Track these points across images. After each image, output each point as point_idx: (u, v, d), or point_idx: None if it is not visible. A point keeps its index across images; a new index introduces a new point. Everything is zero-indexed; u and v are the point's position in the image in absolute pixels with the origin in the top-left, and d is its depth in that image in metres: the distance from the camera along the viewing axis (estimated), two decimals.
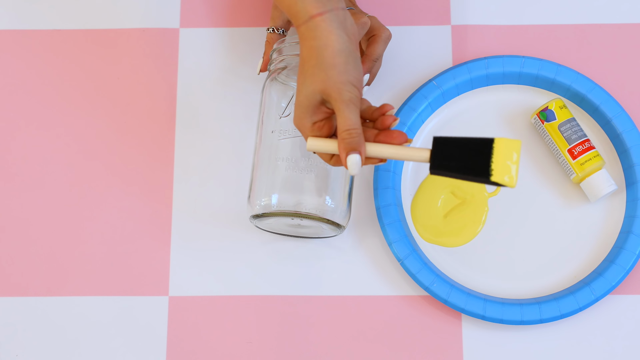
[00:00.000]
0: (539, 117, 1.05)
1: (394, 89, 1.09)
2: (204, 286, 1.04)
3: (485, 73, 1.08)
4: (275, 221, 0.99)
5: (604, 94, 1.06)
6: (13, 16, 1.13)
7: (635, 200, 1.03)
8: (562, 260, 1.04)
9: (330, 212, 0.98)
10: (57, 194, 1.07)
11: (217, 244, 1.05)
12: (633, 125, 1.05)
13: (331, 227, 0.99)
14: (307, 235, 1.04)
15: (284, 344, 1.03)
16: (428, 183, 1.07)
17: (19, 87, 1.11)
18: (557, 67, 1.07)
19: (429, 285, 1.02)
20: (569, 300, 1.01)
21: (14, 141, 1.09)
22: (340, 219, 0.99)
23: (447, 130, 1.08)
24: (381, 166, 1.05)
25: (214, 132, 1.09)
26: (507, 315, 1.01)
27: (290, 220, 0.99)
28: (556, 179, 1.06)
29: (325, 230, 1.01)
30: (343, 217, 0.99)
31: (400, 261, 1.03)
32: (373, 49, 1.02)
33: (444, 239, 1.06)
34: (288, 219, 0.98)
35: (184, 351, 1.03)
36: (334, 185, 0.98)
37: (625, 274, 1.01)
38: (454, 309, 1.01)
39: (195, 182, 1.07)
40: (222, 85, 1.10)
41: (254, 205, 0.99)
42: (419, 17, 1.11)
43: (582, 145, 1.04)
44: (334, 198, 0.98)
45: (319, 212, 0.97)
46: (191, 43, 1.11)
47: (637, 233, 1.02)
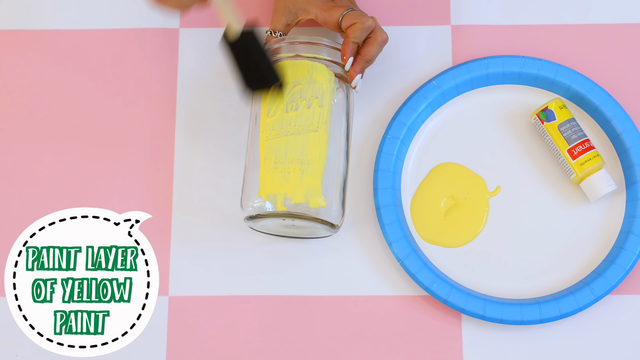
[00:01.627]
0: (538, 117, 1.05)
1: (394, 88, 1.09)
2: (204, 286, 1.04)
3: (485, 73, 1.08)
4: (269, 222, 1.00)
5: (603, 94, 1.06)
6: (13, 16, 1.13)
7: (635, 200, 1.03)
8: (562, 260, 1.04)
9: (324, 212, 0.98)
10: (57, 194, 1.07)
11: (217, 244, 1.06)
12: (633, 126, 1.05)
13: (325, 227, 0.99)
14: (302, 236, 1.05)
15: (284, 344, 1.03)
16: (428, 183, 1.07)
17: (19, 87, 1.11)
18: (557, 67, 1.07)
19: (429, 286, 1.02)
20: (568, 300, 1.01)
21: (14, 141, 1.09)
22: (334, 219, 0.99)
23: (447, 130, 1.08)
24: (381, 166, 1.05)
25: (213, 132, 1.09)
26: (507, 315, 1.01)
27: (284, 221, 0.99)
28: (556, 179, 1.06)
29: (320, 230, 1.01)
30: (337, 217, 0.99)
31: (400, 261, 1.03)
32: (367, 50, 1.02)
33: (444, 239, 1.06)
34: (281, 219, 0.98)
35: (184, 351, 1.03)
36: (327, 185, 0.98)
37: (625, 274, 1.01)
38: (454, 309, 1.02)
39: (195, 182, 1.07)
40: (222, 86, 1.10)
41: (247, 207, 0.99)
42: (419, 17, 1.11)
43: (582, 145, 1.04)
44: (326, 198, 0.98)
45: (312, 212, 0.97)
46: (191, 43, 1.11)
47: (637, 233, 1.02)
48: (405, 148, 1.07)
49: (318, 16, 1.04)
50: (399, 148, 1.06)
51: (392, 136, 1.06)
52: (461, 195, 1.06)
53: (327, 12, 1.03)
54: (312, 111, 0.99)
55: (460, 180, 1.07)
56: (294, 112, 0.99)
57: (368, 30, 1.01)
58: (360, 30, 1.01)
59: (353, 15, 1.01)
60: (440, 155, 1.08)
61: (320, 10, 1.04)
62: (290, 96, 1.00)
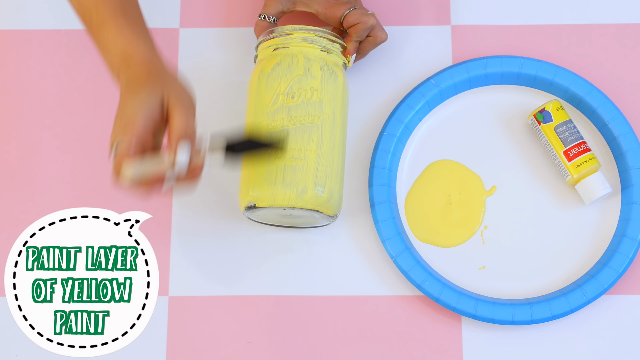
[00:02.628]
0: (535, 118, 1.06)
1: (392, 86, 1.09)
2: (204, 286, 1.05)
3: (484, 73, 1.08)
4: (267, 212, 1.00)
5: (601, 97, 1.06)
6: (13, 16, 1.11)
7: (630, 203, 1.04)
8: (555, 261, 1.05)
9: (323, 202, 0.99)
10: (57, 194, 1.07)
11: (217, 244, 1.06)
12: (630, 129, 1.05)
13: (323, 216, 1.00)
14: (300, 225, 1.05)
15: (285, 344, 1.04)
16: (423, 180, 1.07)
17: (19, 87, 1.10)
18: (555, 69, 1.07)
19: (421, 284, 1.03)
20: (560, 302, 1.02)
21: (14, 141, 1.09)
22: (333, 208, 1.00)
23: (444, 129, 1.08)
24: (377, 163, 1.06)
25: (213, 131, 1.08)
26: (498, 315, 1.02)
27: (283, 211, 0.99)
28: (551, 181, 1.07)
29: (318, 220, 1.02)
30: (335, 206, 1.00)
31: (393, 259, 1.03)
32: (363, 47, 1.06)
33: (439, 238, 1.06)
34: (280, 209, 0.99)
35: (184, 351, 1.04)
36: (326, 174, 0.99)
37: (618, 277, 1.02)
38: (446, 307, 1.02)
39: None
40: (222, 85, 1.09)
41: (245, 196, 0.99)
42: (419, 17, 1.11)
43: (578, 147, 1.04)
44: (325, 187, 0.99)
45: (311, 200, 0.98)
46: (191, 43, 1.10)
47: (631, 236, 1.03)
48: (401, 146, 1.08)
49: (319, 12, 1.04)
50: (395, 146, 1.07)
51: (388, 133, 1.06)
52: (457, 193, 1.07)
53: (329, 10, 1.04)
54: (312, 102, 1.00)
55: (456, 177, 1.07)
56: (294, 104, 1.00)
57: (370, 29, 1.04)
58: (362, 30, 1.03)
59: (355, 14, 1.03)
60: (436, 154, 1.08)
61: (322, 7, 1.04)
62: (290, 87, 1.00)
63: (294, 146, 0.98)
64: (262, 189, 0.98)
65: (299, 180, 0.98)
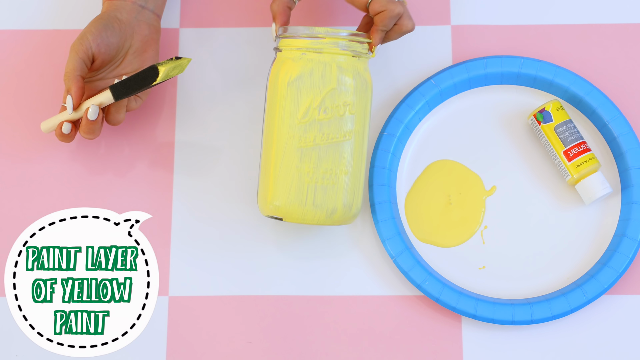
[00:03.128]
0: (535, 118, 1.06)
1: (393, 86, 1.09)
2: (204, 286, 1.05)
3: (484, 73, 1.08)
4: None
5: (601, 97, 1.06)
6: (13, 16, 1.11)
7: (630, 203, 1.04)
8: (555, 261, 1.05)
9: (349, 218, 1.00)
10: (57, 194, 1.07)
11: (217, 244, 1.06)
12: (630, 129, 1.06)
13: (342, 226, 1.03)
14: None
15: (285, 344, 1.04)
16: (424, 180, 1.08)
17: (19, 87, 1.10)
18: (555, 69, 1.07)
19: (421, 284, 1.03)
20: (560, 302, 1.02)
21: (14, 141, 1.09)
22: (354, 219, 1.01)
23: (444, 129, 1.09)
24: (377, 163, 1.06)
25: (214, 132, 1.08)
26: (498, 315, 1.02)
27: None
28: (551, 181, 1.07)
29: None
30: (356, 215, 1.01)
31: (393, 259, 1.03)
32: (389, 36, 1.00)
33: (438, 238, 1.06)
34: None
35: (184, 351, 1.04)
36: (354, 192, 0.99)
37: (618, 277, 1.02)
38: (446, 307, 1.02)
39: (195, 182, 1.07)
40: (222, 85, 1.10)
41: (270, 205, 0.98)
42: (419, 17, 1.11)
43: (578, 147, 1.05)
44: (353, 205, 0.99)
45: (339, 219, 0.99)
46: (191, 43, 1.11)
47: (631, 236, 1.03)
48: (401, 146, 1.08)
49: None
50: (396, 145, 1.07)
51: (388, 133, 1.07)
52: (457, 193, 1.07)
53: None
54: (344, 118, 0.98)
55: (456, 177, 1.07)
56: (326, 120, 0.97)
57: (396, 18, 0.98)
58: (389, 19, 0.98)
59: (382, 1, 0.97)
60: (436, 154, 1.08)
61: None
62: (322, 102, 0.97)
63: (325, 165, 0.97)
64: (292, 207, 0.98)
65: (329, 202, 0.98)
